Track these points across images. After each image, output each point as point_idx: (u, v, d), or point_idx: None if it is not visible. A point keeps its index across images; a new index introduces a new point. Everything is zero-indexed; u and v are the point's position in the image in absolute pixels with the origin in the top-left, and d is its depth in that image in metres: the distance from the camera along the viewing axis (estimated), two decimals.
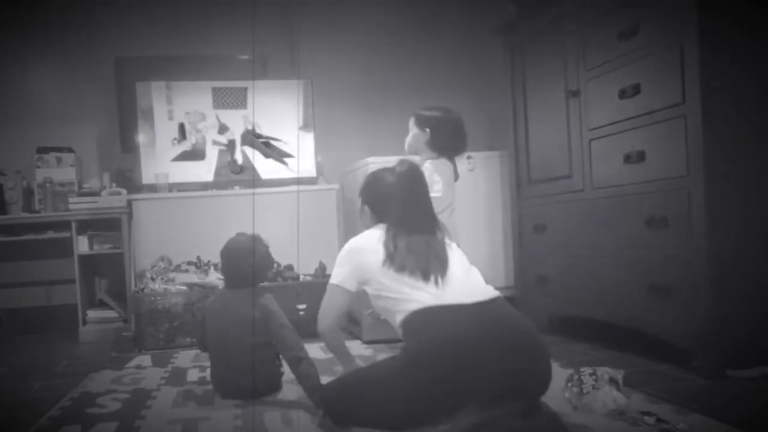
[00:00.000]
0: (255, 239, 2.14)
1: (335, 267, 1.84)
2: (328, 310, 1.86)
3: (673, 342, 2.21)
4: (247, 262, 2.08)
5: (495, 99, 3.56)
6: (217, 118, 3.70)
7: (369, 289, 1.76)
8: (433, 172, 2.36)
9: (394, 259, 1.69)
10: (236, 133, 3.74)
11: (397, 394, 1.55)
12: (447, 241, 1.80)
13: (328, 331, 1.88)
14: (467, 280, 1.71)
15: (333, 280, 1.84)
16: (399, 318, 1.65)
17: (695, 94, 2.05)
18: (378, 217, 1.86)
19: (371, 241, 1.77)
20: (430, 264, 1.67)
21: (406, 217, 1.77)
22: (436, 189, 2.30)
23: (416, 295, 1.63)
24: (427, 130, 2.42)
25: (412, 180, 1.82)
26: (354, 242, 1.84)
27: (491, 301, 1.65)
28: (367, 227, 1.89)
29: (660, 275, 2.23)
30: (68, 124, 3.98)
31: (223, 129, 3.71)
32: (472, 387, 1.49)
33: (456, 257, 1.76)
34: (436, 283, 1.65)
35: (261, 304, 2.04)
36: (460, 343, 1.51)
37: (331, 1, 4.20)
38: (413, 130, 2.47)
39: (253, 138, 3.75)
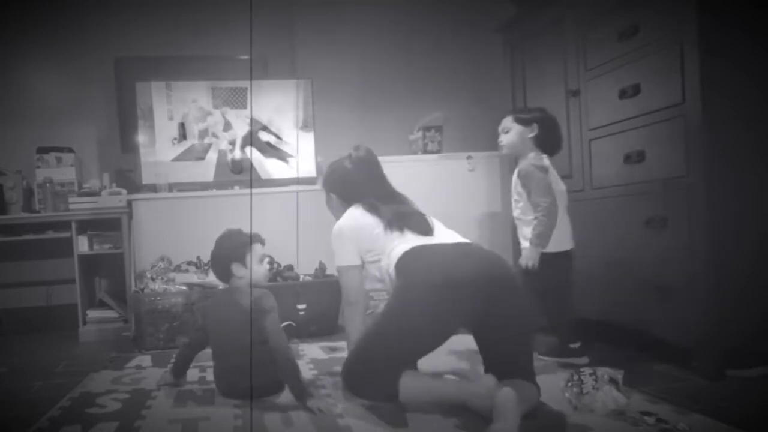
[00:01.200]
0: (227, 231, 2.19)
1: (335, 252, 2.01)
2: (348, 291, 2.03)
3: (673, 342, 2.21)
4: (220, 248, 2.15)
5: (495, 99, 3.56)
6: (223, 115, 3.70)
7: (368, 258, 1.97)
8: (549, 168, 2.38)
9: (390, 223, 1.92)
10: (238, 132, 3.74)
11: (395, 330, 1.73)
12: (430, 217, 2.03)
13: (352, 303, 2.03)
14: (448, 231, 1.97)
15: (339, 263, 2.02)
16: (393, 263, 1.84)
17: (695, 94, 2.05)
18: (347, 201, 2.06)
19: (356, 217, 1.99)
20: (419, 222, 1.93)
21: (376, 192, 2.01)
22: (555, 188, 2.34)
23: (407, 240, 1.87)
24: (535, 125, 2.38)
25: (369, 162, 2.06)
26: (342, 223, 2.02)
27: (469, 244, 1.91)
28: (337, 213, 2.09)
29: (660, 275, 2.23)
30: (68, 124, 3.98)
31: (227, 126, 3.71)
32: (459, 308, 1.69)
33: (436, 223, 1.99)
34: (425, 234, 1.90)
35: (255, 303, 2.02)
36: (443, 268, 1.73)
37: (331, 1, 4.20)
38: (515, 127, 2.42)
39: (256, 139, 3.75)
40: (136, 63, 3.87)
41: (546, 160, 2.37)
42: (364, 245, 1.98)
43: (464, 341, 2.14)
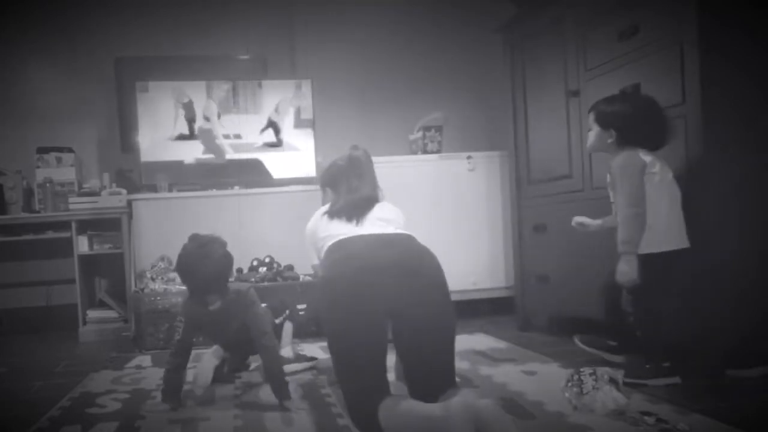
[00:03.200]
0: (210, 243, 2.02)
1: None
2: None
3: (673, 342, 2.20)
4: (202, 270, 1.97)
5: (495, 99, 3.56)
6: (201, 118, 3.73)
7: (319, 246, 1.94)
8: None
9: (329, 212, 1.95)
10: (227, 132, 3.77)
11: (338, 343, 1.69)
12: (385, 202, 2.02)
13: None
14: (382, 223, 1.90)
15: (311, 263, 2.09)
16: (323, 254, 1.87)
17: (695, 94, 2.05)
18: (332, 194, 2.08)
19: (317, 214, 2.02)
20: (354, 210, 1.91)
21: (351, 185, 2.02)
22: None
23: (337, 232, 1.86)
24: (612, 131, 2.13)
25: (360, 159, 2.07)
26: (309, 223, 2.05)
27: (396, 235, 1.84)
28: None
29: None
30: (68, 124, 3.99)
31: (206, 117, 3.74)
32: (374, 295, 1.64)
33: (384, 209, 1.97)
34: (357, 222, 1.88)
35: (244, 298, 2.08)
36: (357, 259, 1.71)
37: (331, 1, 4.20)
38: (595, 128, 2.19)
39: (256, 139, 3.75)
40: (136, 63, 3.87)
41: (644, 156, 2.05)
42: (315, 241, 1.97)
43: None
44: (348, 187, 2.02)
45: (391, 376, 1.74)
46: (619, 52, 2.39)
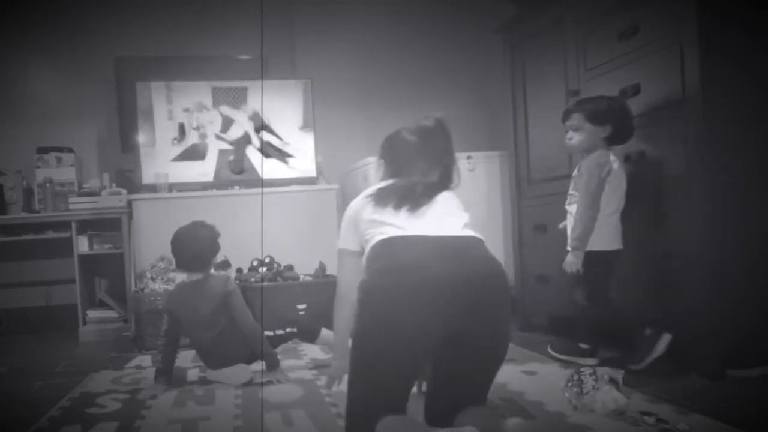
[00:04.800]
0: (200, 224, 2.38)
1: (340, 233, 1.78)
2: (340, 276, 1.75)
3: (673, 342, 2.21)
4: (190, 246, 2.31)
5: (495, 99, 3.56)
6: (220, 112, 3.70)
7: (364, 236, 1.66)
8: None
9: (376, 195, 1.63)
10: (237, 132, 3.74)
11: (363, 362, 1.46)
12: (451, 193, 1.69)
13: (342, 295, 1.72)
14: (441, 219, 1.58)
15: (339, 246, 1.75)
16: (368, 249, 1.58)
17: (695, 94, 2.05)
18: (391, 172, 1.76)
19: (362, 195, 1.70)
20: (408, 197, 1.59)
21: (416, 167, 1.69)
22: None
23: (384, 228, 1.55)
24: (608, 126, 2.25)
25: (434, 133, 1.75)
26: (352, 202, 1.74)
27: (461, 238, 1.52)
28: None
29: (660, 275, 2.23)
30: (68, 124, 3.99)
31: (226, 124, 3.71)
32: (425, 322, 1.38)
33: (448, 202, 1.64)
34: (411, 212, 1.56)
35: (226, 286, 2.31)
36: (410, 273, 1.40)
37: (331, 1, 4.20)
38: (587, 127, 2.28)
39: (256, 139, 3.75)
40: (136, 63, 3.87)
41: (612, 158, 2.25)
42: (357, 226, 1.67)
43: None
44: (411, 168, 1.69)
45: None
46: (619, 52, 2.39)
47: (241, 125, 3.75)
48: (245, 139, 3.74)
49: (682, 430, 1.59)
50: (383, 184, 1.69)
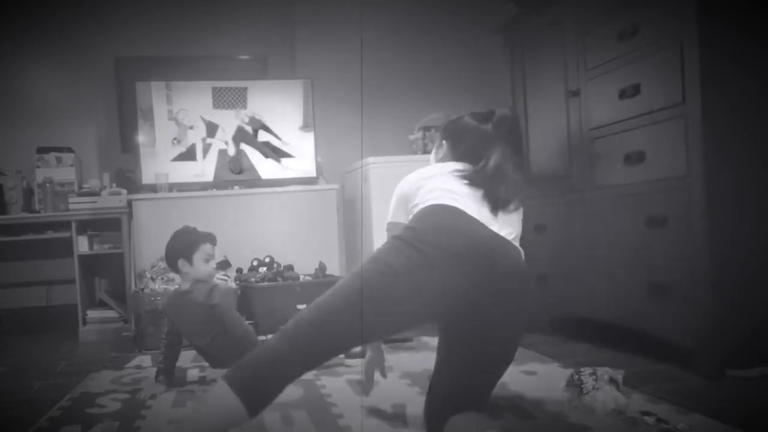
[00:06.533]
0: (184, 226, 2.38)
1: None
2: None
3: (673, 342, 2.21)
4: (171, 242, 2.33)
5: (495, 99, 3.56)
6: (202, 118, 3.69)
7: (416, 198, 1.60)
8: None
9: (462, 171, 1.58)
10: (230, 133, 3.73)
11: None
12: (514, 206, 1.61)
13: None
14: (494, 218, 1.54)
15: (388, 220, 1.72)
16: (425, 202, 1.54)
17: (695, 94, 2.05)
18: (453, 156, 1.73)
19: (422, 172, 1.66)
20: (493, 189, 1.55)
21: (494, 160, 1.60)
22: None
23: (447, 197, 1.52)
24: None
25: (509, 125, 1.70)
26: (407, 176, 1.70)
27: (497, 235, 1.48)
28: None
29: (660, 275, 2.23)
30: (68, 124, 3.99)
31: (211, 130, 3.70)
32: (443, 286, 1.37)
33: (508, 217, 1.60)
34: (492, 210, 1.53)
35: (209, 299, 2.26)
36: (451, 235, 1.40)
37: (331, 1, 4.20)
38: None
39: (250, 136, 3.74)
40: (136, 63, 3.88)
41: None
42: (413, 192, 1.62)
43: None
44: (479, 155, 1.61)
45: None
46: (619, 52, 2.39)
47: (232, 126, 3.73)
48: (239, 138, 3.73)
49: (682, 430, 1.59)
50: (458, 165, 1.64)
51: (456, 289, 1.38)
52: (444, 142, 1.80)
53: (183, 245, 2.31)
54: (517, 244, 1.59)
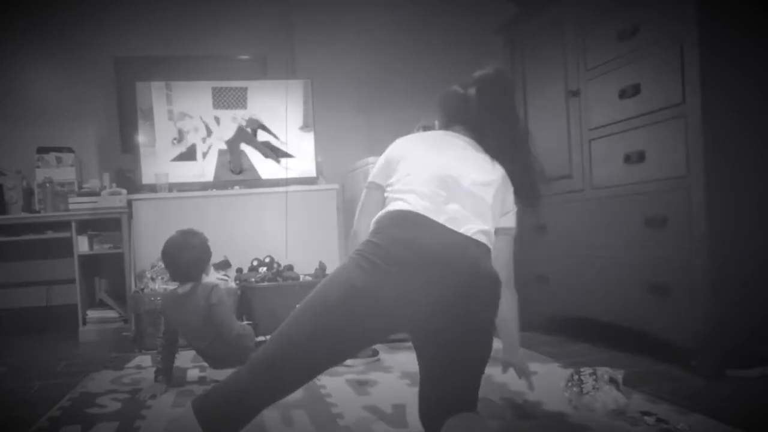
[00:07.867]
0: (190, 233, 2.34)
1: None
2: (361, 209, 1.66)
3: (673, 342, 2.21)
4: (181, 256, 2.28)
5: None
6: (201, 118, 3.69)
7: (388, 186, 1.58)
8: None
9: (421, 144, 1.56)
10: (228, 134, 3.73)
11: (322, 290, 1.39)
12: (496, 178, 1.56)
13: (359, 230, 1.62)
14: (463, 208, 1.48)
15: (368, 179, 1.68)
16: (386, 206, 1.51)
17: (695, 94, 2.05)
18: (447, 125, 1.70)
19: (410, 138, 1.64)
20: (443, 168, 1.49)
21: (472, 121, 1.57)
22: None
23: (406, 197, 1.47)
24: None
25: (495, 85, 1.61)
26: (396, 142, 1.68)
27: (457, 240, 1.41)
28: None
29: (660, 275, 2.23)
30: (68, 124, 3.99)
31: (208, 131, 3.70)
32: (401, 296, 1.33)
33: (486, 169, 1.54)
34: (441, 185, 1.48)
35: (209, 299, 2.28)
36: (400, 246, 1.36)
37: (331, 1, 4.20)
38: None
39: (249, 136, 3.74)
40: (136, 63, 3.87)
41: None
42: (392, 164, 1.60)
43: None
44: (467, 126, 1.59)
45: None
46: (619, 52, 2.39)
47: (232, 125, 3.73)
48: (238, 138, 3.73)
49: (682, 430, 1.59)
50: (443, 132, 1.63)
51: (419, 303, 1.35)
52: (436, 121, 1.81)
53: (208, 256, 2.35)
54: (510, 237, 1.64)
